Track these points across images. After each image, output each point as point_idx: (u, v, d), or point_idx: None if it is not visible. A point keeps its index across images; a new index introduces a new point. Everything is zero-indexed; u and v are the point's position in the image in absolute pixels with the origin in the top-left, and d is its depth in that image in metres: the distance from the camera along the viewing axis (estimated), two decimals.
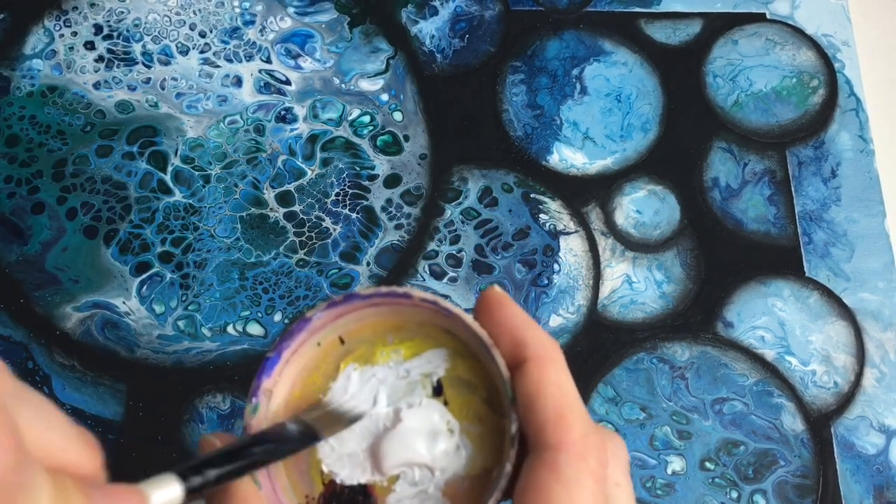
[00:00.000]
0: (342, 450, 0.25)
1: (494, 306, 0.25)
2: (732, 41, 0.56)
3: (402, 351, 0.26)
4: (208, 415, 0.46)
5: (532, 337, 0.24)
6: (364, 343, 0.26)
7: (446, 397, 0.25)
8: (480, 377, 0.26)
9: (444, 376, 0.26)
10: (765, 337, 0.49)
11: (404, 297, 0.25)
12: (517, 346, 0.24)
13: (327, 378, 0.26)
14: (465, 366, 0.26)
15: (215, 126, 0.52)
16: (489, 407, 0.25)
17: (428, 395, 0.26)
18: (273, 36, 0.54)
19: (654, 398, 0.48)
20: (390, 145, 0.52)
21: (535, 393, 0.23)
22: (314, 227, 0.50)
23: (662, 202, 0.52)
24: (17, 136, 0.51)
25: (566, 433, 0.22)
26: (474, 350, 0.26)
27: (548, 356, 0.23)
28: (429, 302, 0.25)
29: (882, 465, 0.47)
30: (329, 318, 0.25)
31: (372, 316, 0.26)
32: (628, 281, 0.50)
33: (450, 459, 0.25)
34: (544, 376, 0.23)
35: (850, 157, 0.54)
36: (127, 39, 0.54)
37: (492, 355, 0.24)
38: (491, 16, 0.56)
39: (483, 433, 0.25)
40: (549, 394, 0.23)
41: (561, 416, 0.22)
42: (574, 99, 0.54)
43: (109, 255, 0.49)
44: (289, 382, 0.26)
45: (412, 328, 0.26)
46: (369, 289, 0.25)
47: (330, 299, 0.25)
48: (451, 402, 0.25)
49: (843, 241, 0.51)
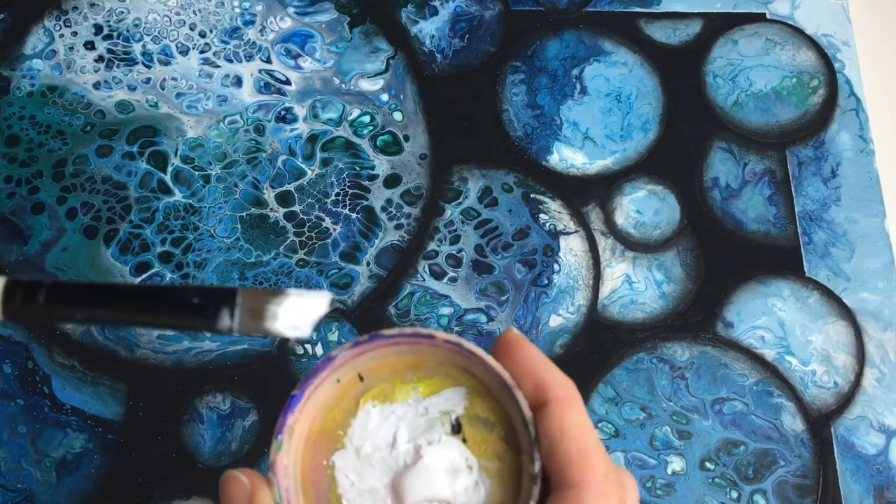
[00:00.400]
0: (362, 486, 0.26)
1: (514, 348, 0.26)
2: (732, 41, 0.56)
3: (421, 389, 0.27)
4: (208, 415, 0.46)
5: (552, 378, 0.25)
6: (383, 381, 0.27)
7: (465, 435, 0.26)
8: (498, 416, 0.26)
9: (462, 414, 0.26)
10: (765, 337, 0.49)
11: (427, 337, 0.26)
12: (538, 387, 0.25)
13: (347, 414, 0.27)
14: (484, 404, 0.26)
15: (215, 126, 0.52)
16: (507, 445, 0.26)
17: (447, 432, 0.26)
18: (273, 36, 0.54)
19: (654, 398, 0.48)
20: (390, 145, 0.52)
21: (559, 433, 0.24)
22: (314, 227, 0.50)
23: (662, 202, 0.52)
24: (17, 136, 0.51)
25: (590, 472, 0.23)
26: (492, 389, 0.26)
27: (568, 397, 0.25)
28: (452, 343, 0.25)
29: (882, 465, 0.47)
30: (351, 356, 0.26)
31: (391, 355, 0.27)
32: (628, 281, 0.50)
33: (469, 496, 0.25)
34: (567, 417, 0.24)
35: (850, 157, 0.54)
36: (127, 39, 0.54)
37: (514, 395, 0.25)
38: (491, 16, 0.56)
39: (501, 470, 0.26)
40: (572, 434, 0.24)
41: (584, 455, 0.23)
42: (574, 99, 0.54)
43: (109, 255, 0.49)
44: (309, 419, 0.26)
45: (431, 367, 0.27)
46: (394, 329, 0.26)
47: (355, 339, 0.26)
48: (469, 440, 0.26)
49: (843, 241, 0.51)
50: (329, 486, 0.26)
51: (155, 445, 0.45)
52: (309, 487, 0.26)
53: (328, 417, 0.27)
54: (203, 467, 0.45)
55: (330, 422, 0.26)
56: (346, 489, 0.26)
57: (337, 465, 0.26)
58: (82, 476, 0.45)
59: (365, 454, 0.26)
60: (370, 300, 0.49)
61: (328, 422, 0.26)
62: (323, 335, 0.48)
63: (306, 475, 0.26)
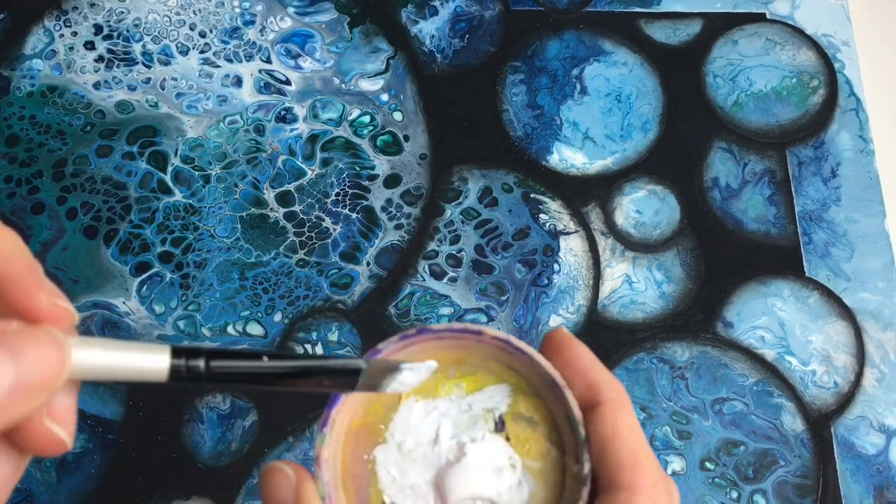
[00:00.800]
0: (404, 481, 0.25)
1: (564, 347, 0.25)
2: (732, 41, 0.56)
3: (465, 385, 0.27)
4: (208, 415, 0.46)
5: (604, 380, 0.25)
6: None
7: (508, 433, 0.26)
8: (542, 415, 0.26)
9: (506, 412, 0.26)
10: (765, 337, 0.49)
11: (475, 333, 0.25)
12: (589, 387, 0.25)
13: (389, 409, 0.26)
14: (527, 403, 0.26)
15: (215, 126, 0.52)
16: (550, 444, 0.26)
17: (490, 430, 0.26)
18: (273, 36, 0.54)
19: (654, 398, 0.48)
20: (390, 145, 0.52)
21: (611, 435, 0.24)
22: (314, 227, 0.50)
23: (662, 202, 0.52)
24: (17, 136, 0.51)
25: (641, 477, 0.23)
26: (537, 387, 0.26)
27: (620, 400, 0.24)
28: (500, 340, 0.25)
29: (882, 465, 0.47)
30: (396, 349, 0.26)
31: (435, 349, 0.26)
32: (628, 281, 0.50)
33: (512, 494, 0.25)
34: (619, 419, 0.24)
35: (850, 157, 0.54)
36: (127, 39, 0.54)
37: (563, 395, 0.25)
38: (491, 16, 0.56)
39: (545, 469, 0.25)
40: (624, 437, 0.24)
41: (636, 459, 0.23)
42: (574, 99, 0.54)
43: (109, 255, 0.49)
44: (350, 412, 0.26)
45: (474, 362, 0.26)
46: (442, 324, 0.26)
47: (403, 332, 0.25)
48: (513, 438, 0.26)
49: (843, 241, 0.51)
50: (370, 481, 0.25)
51: (155, 445, 0.45)
52: (349, 481, 0.25)
53: (370, 411, 0.26)
54: (203, 467, 0.45)
55: (371, 415, 0.26)
56: (387, 484, 0.25)
57: (378, 459, 0.26)
58: (82, 476, 0.45)
59: (407, 449, 0.26)
60: (370, 300, 0.49)
61: (370, 415, 0.26)
62: (323, 335, 0.48)
63: (347, 468, 0.25)
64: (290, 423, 0.46)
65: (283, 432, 0.46)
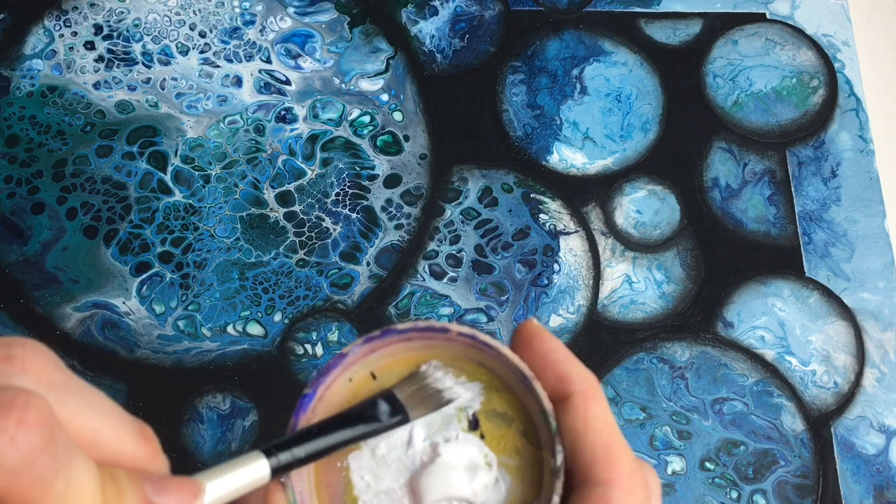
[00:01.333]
0: (378, 486, 0.25)
1: (535, 340, 0.25)
2: (732, 41, 0.56)
3: None
4: (208, 415, 0.46)
5: (575, 371, 0.24)
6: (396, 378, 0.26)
7: (482, 431, 0.26)
8: (516, 410, 0.26)
9: (479, 410, 0.26)
10: (765, 337, 0.49)
11: (441, 331, 0.25)
12: (560, 380, 0.24)
13: None
14: (501, 398, 0.26)
15: (215, 126, 0.52)
16: (526, 439, 0.25)
17: (464, 428, 0.26)
18: (273, 36, 0.54)
19: (654, 398, 0.48)
20: (390, 145, 0.52)
21: (583, 427, 0.23)
22: (314, 227, 0.50)
23: (662, 202, 0.52)
24: (17, 136, 0.51)
25: (616, 469, 0.23)
26: (509, 383, 0.26)
27: (592, 391, 0.24)
28: (466, 336, 0.25)
29: (882, 465, 0.47)
30: (363, 353, 0.26)
31: (404, 351, 0.26)
32: (628, 281, 0.50)
33: (489, 493, 0.25)
34: (590, 411, 0.23)
35: (850, 157, 0.54)
36: (127, 39, 0.54)
37: (533, 388, 0.24)
38: (491, 16, 0.56)
39: (521, 466, 0.25)
40: (597, 429, 0.23)
41: (610, 452, 0.23)
42: (574, 99, 0.54)
43: (109, 255, 0.49)
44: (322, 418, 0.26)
45: (445, 362, 0.26)
46: (406, 323, 0.25)
47: (367, 334, 0.25)
48: (487, 436, 0.26)
49: (843, 241, 0.51)
50: (345, 489, 0.25)
51: None
52: (324, 490, 0.25)
53: None
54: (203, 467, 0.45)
55: None
56: (362, 490, 0.25)
57: (352, 466, 0.25)
58: None
59: (380, 454, 0.25)
60: (370, 300, 0.49)
61: None
62: (323, 335, 0.48)
63: (320, 477, 0.25)
64: None
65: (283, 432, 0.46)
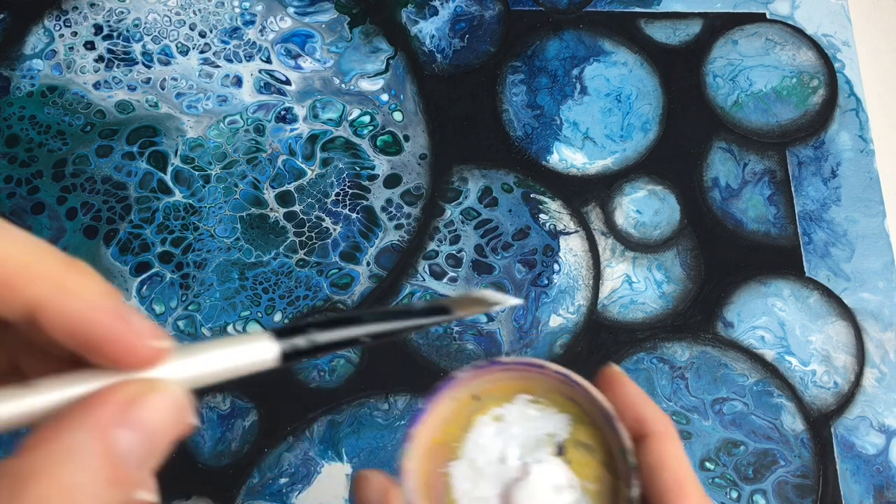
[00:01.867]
0: (476, 493, 0.28)
1: (616, 383, 0.29)
2: (732, 41, 0.56)
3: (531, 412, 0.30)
4: (208, 415, 0.46)
5: (651, 413, 0.28)
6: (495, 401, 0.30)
7: (568, 457, 0.29)
8: (599, 442, 0.29)
9: (567, 438, 0.29)
10: (765, 337, 0.49)
11: (538, 367, 0.29)
12: (638, 420, 0.28)
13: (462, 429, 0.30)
14: (586, 431, 0.29)
15: (215, 126, 0.52)
16: (606, 469, 0.29)
17: (552, 453, 0.29)
18: (273, 36, 0.54)
19: (654, 398, 0.48)
20: (390, 145, 0.52)
21: (659, 464, 0.27)
22: (314, 227, 0.50)
23: (662, 202, 0.52)
24: (17, 136, 0.51)
25: (686, 500, 0.26)
26: (594, 417, 0.29)
27: (667, 432, 0.28)
28: (560, 374, 0.29)
29: (882, 465, 0.47)
30: (469, 377, 0.29)
31: (504, 379, 0.30)
32: (628, 281, 0.50)
33: None
34: (665, 450, 0.27)
35: (850, 157, 0.54)
36: (127, 39, 0.54)
37: (615, 426, 0.28)
38: (491, 16, 0.56)
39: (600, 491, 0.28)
40: (670, 466, 0.27)
41: (681, 487, 0.26)
42: (574, 99, 0.54)
43: (109, 255, 0.49)
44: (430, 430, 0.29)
45: (540, 392, 0.30)
46: (510, 357, 0.29)
47: (474, 364, 0.29)
48: (572, 462, 0.29)
49: (843, 241, 0.51)
50: (445, 491, 0.29)
51: None
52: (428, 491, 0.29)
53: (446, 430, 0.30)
54: (203, 467, 0.45)
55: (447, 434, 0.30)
56: (461, 494, 0.29)
57: (452, 473, 0.29)
58: None
59: (478, 466, 0.29)
60: (370, 300, 0.49)
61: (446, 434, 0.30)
62: None
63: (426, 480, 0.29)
64: (290, 423, 0.46)
65: (283, 432, 0.46)
